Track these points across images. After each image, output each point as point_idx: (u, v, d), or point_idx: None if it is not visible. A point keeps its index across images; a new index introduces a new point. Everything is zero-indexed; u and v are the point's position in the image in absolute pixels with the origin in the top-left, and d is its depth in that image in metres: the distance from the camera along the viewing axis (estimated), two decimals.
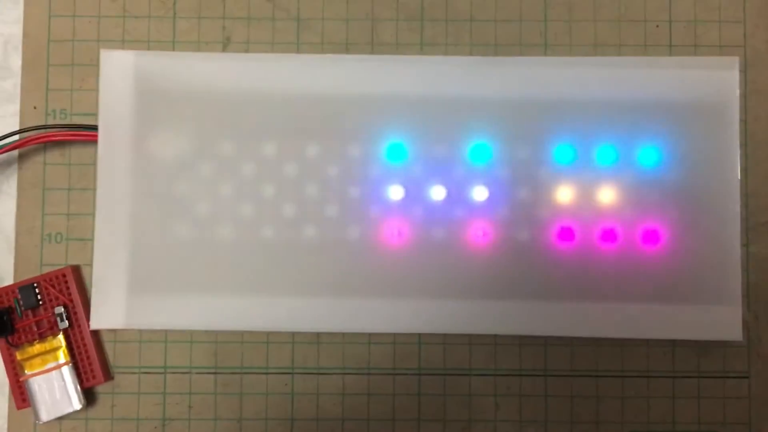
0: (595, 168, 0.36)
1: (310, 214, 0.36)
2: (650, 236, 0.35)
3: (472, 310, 0.35)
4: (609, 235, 0.35)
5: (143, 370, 0.36)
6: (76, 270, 0.36)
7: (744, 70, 0.37)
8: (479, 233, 0.36)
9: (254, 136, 0.36)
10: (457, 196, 0.36)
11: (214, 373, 0.36)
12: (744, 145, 0.37)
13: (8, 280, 0.37)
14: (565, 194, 0.36)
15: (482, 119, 0.36)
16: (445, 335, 0.36)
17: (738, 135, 0.36)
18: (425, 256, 0.36)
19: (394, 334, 0.36)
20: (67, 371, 0.35)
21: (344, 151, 0.36)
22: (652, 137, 0.36)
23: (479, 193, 0.36)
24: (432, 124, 0.36)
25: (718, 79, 0.36)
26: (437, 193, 0.36)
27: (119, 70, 0.36)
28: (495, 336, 0.36)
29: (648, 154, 0.36)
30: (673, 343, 0.36)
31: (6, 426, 0.36)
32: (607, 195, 0.36)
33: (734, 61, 0.36)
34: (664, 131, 0.36)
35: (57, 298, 0.36)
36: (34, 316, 0.36)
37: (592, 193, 0.36)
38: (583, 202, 0.36)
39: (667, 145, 0.36)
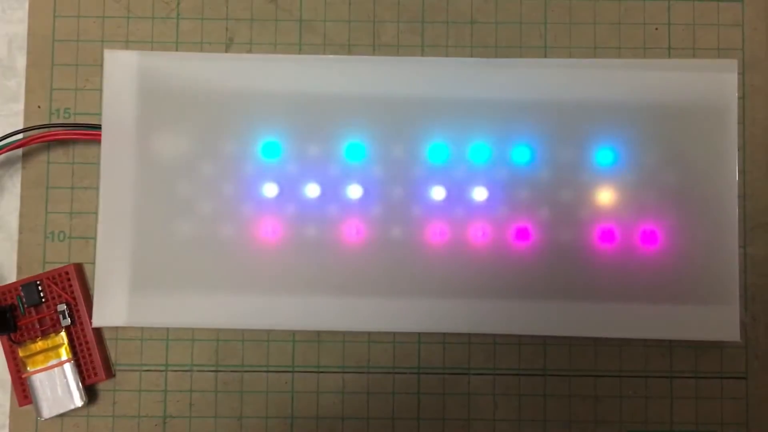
0: (594, 169, 0.36)
1: (311, 214, 0.36)
2: (649, 237, 0.36)
3: (471, 310, 0.36)
4: (608, 236, 0.36)
5: (144, 367, 0.37)
6: (79, 268, 0.37)
7: (742, 73, 0.37)
8: (478, 233, 0.36)
9: (256, 136, 0.36)
10: (458, 196, 0.36)
11: (215, 371, 0.37)
12: (742, 148, 0.37)
13: (11, 278, 0.37)
14: (565, 195, 0.36)
15: (482, 120, 0.36)
16: (444, 334, 0.37)
17: (736, 137, 0.36)
18: (425, 255, 0.36)
19: (394, 333, 0.37)
20: (69, 368, 0.35)
21: (344, 152, 0.36)
22: (650, 139, 0.36)
23: (479, 194, 0.36)
24: (432, 124, 0.36)
25: (717, 82, 0.36)
26: (437, 193, 0.36)
27: (123, 70, 0.36)
28: (494, 335, 0.37)
29: (647, 155, 0.36)
30: (671, 344, 0.36)
31: (8, 422, 0.36)
32: (605, 196, 0.36)
33: (733, 64, 0.36)
34: (663, 133, 0.36)
35: (59, 296, 0.36)
36: (37, 313, 0.36)
37: (590, 193, 0.36)
38: (582, 203, 0.36)
39: (666, 146, 0.36)
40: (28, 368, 0.35)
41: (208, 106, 0.36)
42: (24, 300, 0.36)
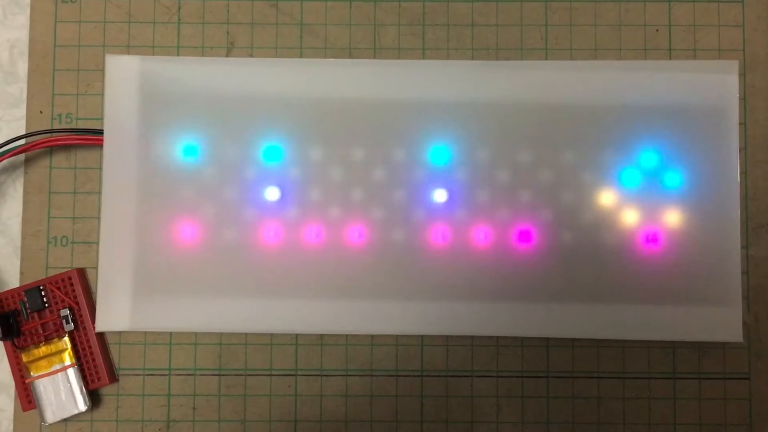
0: (597, 171, 0.36)
1: (314, 217, 0.36)
2: (651, 238, 0.36)
3: (474, 312, 0.36)
4: (609, 238, 0.36)
5: (148, 372, 0.37)
6: (82, 273, 0.37)
7: (743, 74, 0.37)
8: (480, 236, 0.36)
9: (258, 140, 0.36)
10: (459, 198, 0.36)
11: (219, 374, 0.37)
12: (743, 148, 0.37)
13: (14, 283, 0.37)
14: (566, 197, 0.36)
15: (484, 122, 0.36)
16: (447, 337, 0.37)
17: (737, 138, 0.36)
18: (427, 258, 0.36)
19: (397, 336, 0.37)
20: (72, 373, 0.35)
21: (348, 155, 0.36)
22: (651, 140, 0.36)
23: (481, 196, 0.36)
24: (433, 127, 0.36)
25: (718, 83, 0.36)
26: (439, 195, 0.36)
27: (124, 74, 0.36)
28: (497, 338, 0.37)
29: (648, 156, 0.36)
30: (674, 345, 0.36)
31: (12, 427, 0.36)
32: (607, 197, 0.36)
33: (734, 65, 0.36)
34: (664, 134, 0.36)
35: (63, 301, 0.36)
36: (40, 318, 0.36)
37: (593, 195, 0.36)
38: (584, 205, 0.36)
39: (668, 148, 0.36)
40: (32, 373, 0.35)
41: (210, 111, 0.36)
42: (27, 305, 0.36)
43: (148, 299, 0.36)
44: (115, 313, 0.36)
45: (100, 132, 0.36)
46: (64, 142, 0.36)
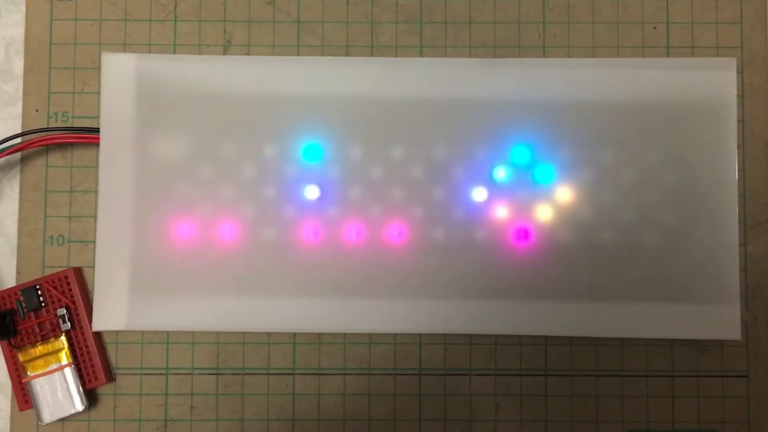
0: (594, 168, 0.36)
1: (311, 216, 0.36)
2: (649, 236, 0.36)
3: (472, 310, 0.36)
4: (608, 235, 0.36)
5: (145, 371, 0.36)
6: (78, 272, 0.37)
7: (741, 71, 0.37)
8: (478, 234, 0.36)
9: (255, 138, 0.36)
10: (458, 197, 0.36)
11: (216, 374, 0.36)
12: (742, 146, 0.37)
13: (11, 282, 0.37)
14: (563, 195, 0.36)
15: (481, 120, 0.36)
16: (445, 335, 0.37)
17: (736, 135, 0.36)
18: (425, 256, 0.36)
19: (395, 335, 0.37)
20: (69, 373, 0.35)
21: (345, 153, 0.36)
22: (650, 138, 0.36)
23: (479, 194, 0.36)
24: (431, 125, 0.36)
25: (716, 80, 0.36)
26: (437, 193, 0.36)
27: (120, 72, 0.36)
28: (495, 336, 0.37)
29: (647, 154, 0.36)
30: (672, 343, 0.36)
31: (9, 427, 0.36)
32: (606, 195, 0.36)
33: (732, 62, 0.36)
34: (663, 132, 0.36)
35: (59, 300, 0.36)
36: (37, 317, 0.36)
37: (590, 193, 0.36)
38: (582, 203, 0.36)
39: (666, 145, 0.36)
40: (29, 373, 0.35)
41: (207, 109, 0.36)
42: (23, 304, 0.35)
43: (145, 298, 0.36)
44: (111, 312, 0.36)
45: (97, 130, 0.36)
46: (61, 140, 0.36)
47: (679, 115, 0.36)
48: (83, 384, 0.36)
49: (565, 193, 0.36)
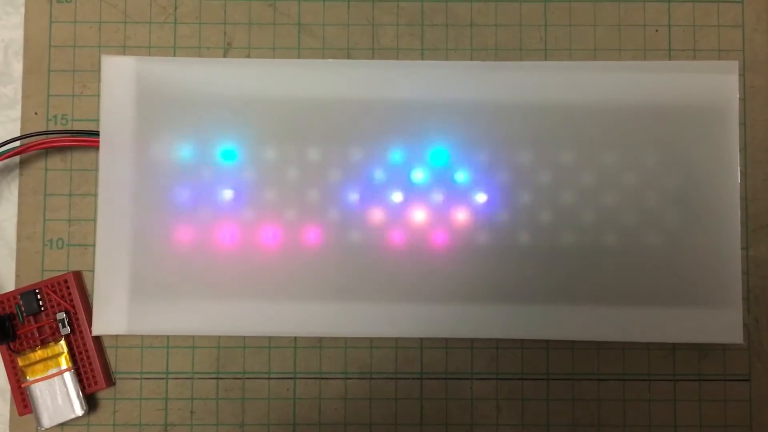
0: (596, 170, 0.36)
1: (312, 219, 0.36)
2: (651, 239, 0.36)
3: (473, 314, 0.35)
4: (610, 239, 0.36)
5: (145, 375, 0.36)
6: (78, 276, 0.36)
7: (743, 74, 0.37)
8: (479, 237, 0.36)
9: (256, 141, 0.36)
10: (458, 200, 0.36)
11: (216, 378, 0.36)
12: (743, 149, 0.37)
13: (10, 286, 0.36)
14: (566, 197, 0.36)
15: (483, 123, 0.36)
16: (446, 339, 0.36)
17: (737, 138, 0.36)
18: (426, 260, 0.36)
19: (396, 339, 0.36)
20: (68, 377, 0.35)
21: (345, 156, 0.36)
22: (651, 141, 0.36)
23: (479, 197, 0.36)
24: (432, 128, 0.36)
25: (718, 83, 0.36)
26: (437, 197, 0.36)
27: (120, 75, 0.36)
28: (496, 340, 0.36)
29: (649, 157, 0.36)
30: (674, 346, 0.36)
31: None
32: (608, 198, 0.36)
33: (733, 65, 0.36)
34: (664, 135, 0.36)
35: (59, 304, 0.36)
36: (36, 322, 0.36)
37: (593, 195, 0.36)
38: (583, 206, 0.36)
39: (668, 148, 0.36)
40: (28, 377, 0.35)
41: (207, 112, 0.36)
42: (23, 309, 0.35)
43: (145, 302, 0.35)
44: (111, 316, 0.35)
45: (96, 133, 0.36)
46: (60, 143, 0.36)
47: (681, 118, 0.36)
48: (83, 388, 0.35)
49: (565, 197, 0.36)
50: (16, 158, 0.37)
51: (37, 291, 0.36)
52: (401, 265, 0.36)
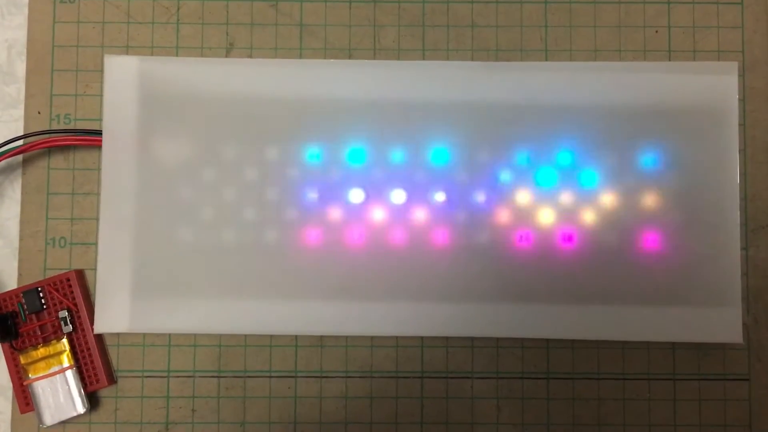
0: (595, 170, 0.36)
1: (313, 218, 0.36)
2: (651, 240, 0.36)
3: (474, 313, 0.36)
4: (610, 239, 0.36)
5: (147, 373, 0.36)
6: (80, 274, 0.37)
7: (743, 75, 0.37)
8: (480, 237, 0.36)
9: (257, 141, 0.36)
10: (459, 199, 0.36)
11: (218, 376, 0.36)
12: (743, 150, 0.37)
13: (12, 285, 0.37)
14: (566, 198, 0.36)
15: (483, 124, 0.36)
16: (447, 338, 0.37)
17: (737, 139, 0.36)
18: (427, 259, 0.36)
19: (397, 338, 0.37)
20: (70, 375, 0.35)
21: (346, 156, 0.36)
22: (651, 142, 0.36)
23: (480, 197, 0.36)
24: (433, 128, 0.36)
25: (717, 84, 0.36)
26: (439, 196, 0.36)
27: (123, 75, 0.36)
28: (497, 339, 0.37)
29: (649, 158, 0.36)
30: (674, 346, 0.37)
31: (10, 430, 0.36)
32: (608, 199, 0.36)
33: (733, 66, 0.36)
34: (664, 136, 0.36)
35: (61, 302, 0.36)
36: (38, 320, 0.36)
37: (593, 197, 0.36)
38: (582, 207, 0.36)
39: (668, 149, 0.36)
40: (30, 375, 0.35)
41: (209, 112, 0.36)
42: (25, 307, 0.35)
43: (146, 301, 0.36)
44: (113, 314, 0.36)
45: (99, 133, 0.36)
46: (63, 142, 0.36)
47: (681, 118, 0.36)
48: (84, 386, 0.35)
49: (566, 197, 0.36)
50: (19, 157, 0.37)
51: (39, 289, 0.36)
52: (402, 265, 0.36)
